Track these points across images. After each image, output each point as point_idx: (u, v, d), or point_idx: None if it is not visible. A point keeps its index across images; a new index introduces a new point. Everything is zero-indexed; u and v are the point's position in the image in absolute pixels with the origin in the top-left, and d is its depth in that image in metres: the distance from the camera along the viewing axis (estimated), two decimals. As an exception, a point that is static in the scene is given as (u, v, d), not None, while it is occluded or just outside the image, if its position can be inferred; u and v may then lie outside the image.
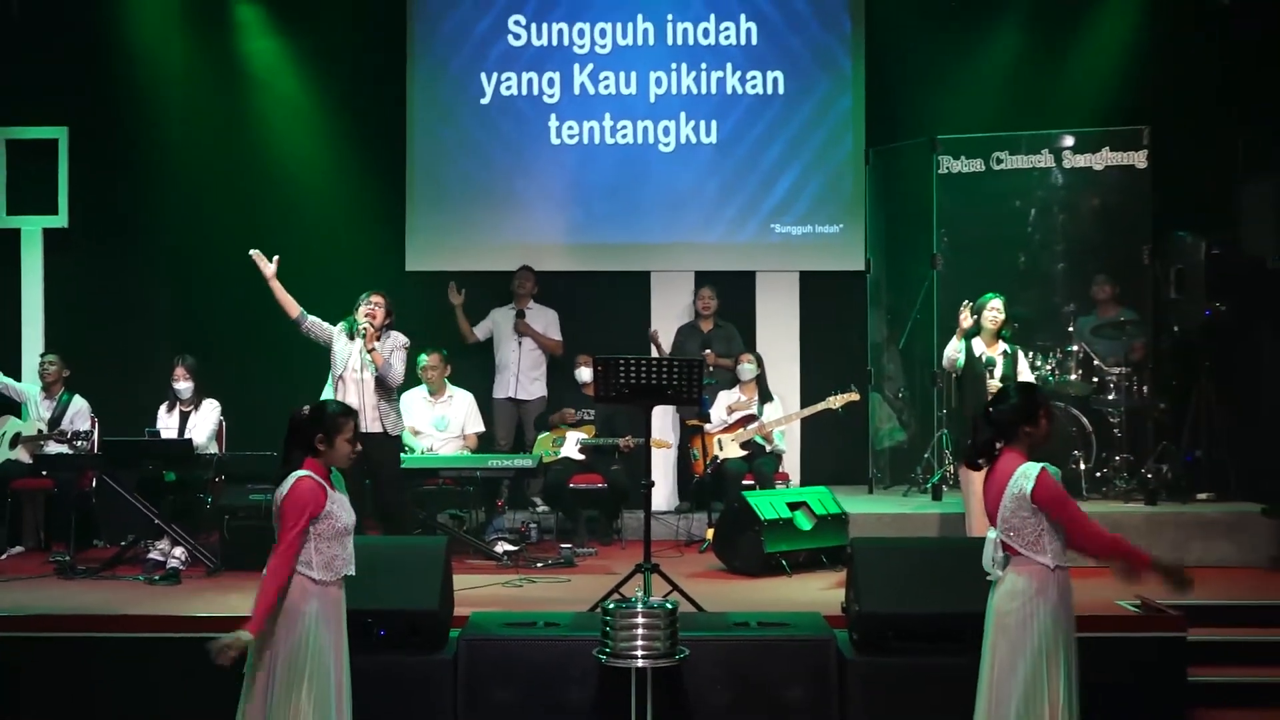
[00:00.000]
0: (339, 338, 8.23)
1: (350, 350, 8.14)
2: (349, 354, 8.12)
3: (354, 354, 8.11)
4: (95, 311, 10.38)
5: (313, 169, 11.17)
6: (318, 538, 5.03)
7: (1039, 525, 4.91)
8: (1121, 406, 9.64)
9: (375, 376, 8.09)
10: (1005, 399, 5.17)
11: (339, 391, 8.13)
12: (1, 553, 8.94)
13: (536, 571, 8.63)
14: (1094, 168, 10.06)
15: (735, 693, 6.17)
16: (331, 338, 8.24)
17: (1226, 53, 9.91)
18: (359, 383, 8.11)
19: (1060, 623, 4.91)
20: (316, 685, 5.00)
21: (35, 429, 9.63)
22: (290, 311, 8.22)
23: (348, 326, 8.20)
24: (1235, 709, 6.71)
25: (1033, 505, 4.88)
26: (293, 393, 7.75)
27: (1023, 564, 4.93)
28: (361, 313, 8.17)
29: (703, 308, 10.78)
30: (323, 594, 5.06)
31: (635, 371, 7.23)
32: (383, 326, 8.22)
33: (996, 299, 8.34)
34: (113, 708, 6.43)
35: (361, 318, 8.14)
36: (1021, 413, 5.05)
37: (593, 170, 11.34)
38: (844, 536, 8.57)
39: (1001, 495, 4.96)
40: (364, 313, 8.16)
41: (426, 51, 11.36)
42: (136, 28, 10.52)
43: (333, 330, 8.25)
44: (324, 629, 5.05)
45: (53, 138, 10.40)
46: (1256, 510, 8.84)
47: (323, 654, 5.03)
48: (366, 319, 8.13)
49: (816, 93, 11.32)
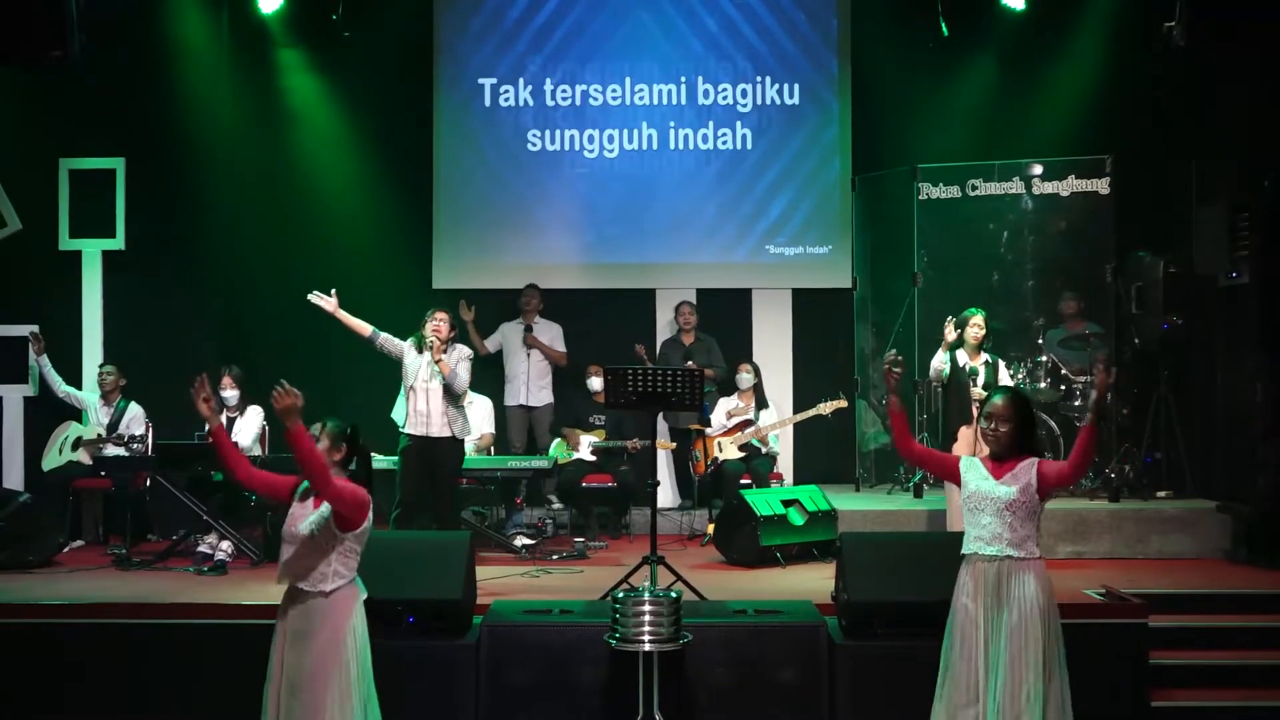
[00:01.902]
0: (409, 351, 8.18)
1: (420, 362, 8.09)
2: (419, 365, 8.08)
3: (423, 365, 8.07)
4: (149, 326, 10.37)
5: (347, 195, 11.20)
6: (359, 544, 4.90)
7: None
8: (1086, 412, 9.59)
9: (443, 385, 8.08)
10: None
11: (411, 400, 8.08)
12: (64, 546, 8.92)
13: (552, 563, 8.62)
14: (1061, 194, 10.06)
15: (734, 674, 6.16)
16: (403, 352, 8.21)
17: (1182, 88, 9.89)
18: (428, 391, 8.06)
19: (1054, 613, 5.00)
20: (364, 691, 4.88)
21: (95, 433, 9.63)
22: (363, 333, 8.16)
23: (416, 341, 8.17)
24: (1194, 689, 6.69)
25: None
26: (330, 400, 7.75)
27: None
28: (429, 328, 8.14)
29: (683, 322, 10.76)
30: (358, 602, 4.94)
31: (642, 381, 7.24)
32: (448, 339, 8.20)
33: (978, 314, 8.34)
34: (164, 687, 6.43)
35: (429, 332, 8.12)
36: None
37: (603, 196, 11.35)
38: (833, 531, 8.56)
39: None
40: (431, 328, 8.13)
41: (452, 88, 11.38)
42: (188, 68, 10.52)
43: (403, 345, 8.22)
44: (365, 636, 4.92)
45: (111, 168, 10.40)
46: (1211, 506, 8.83)
47: (365, 660, 4.93)
48: (433, 333, 8.11)
49: (807, 126, 11.32)
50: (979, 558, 4.99)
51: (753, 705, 6.14)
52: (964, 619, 4.99)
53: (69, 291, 10.40)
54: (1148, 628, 6.53)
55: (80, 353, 10.37)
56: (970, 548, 5.03)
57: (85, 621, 6.64)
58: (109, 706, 6.45)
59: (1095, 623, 6.55)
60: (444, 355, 8.06)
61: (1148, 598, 6.76)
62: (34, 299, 10.24)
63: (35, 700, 6.49)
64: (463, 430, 8.28)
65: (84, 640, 6.56)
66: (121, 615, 6.69)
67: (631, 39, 11.35)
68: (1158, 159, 10.10)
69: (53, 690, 6.50)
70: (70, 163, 10.42)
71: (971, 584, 4.99)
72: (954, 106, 10.95)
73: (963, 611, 5.00)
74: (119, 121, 10.35)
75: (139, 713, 6.42)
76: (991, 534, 4.98)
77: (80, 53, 6.91)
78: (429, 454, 8.06)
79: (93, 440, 9.58)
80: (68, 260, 10.44)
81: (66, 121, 10.34)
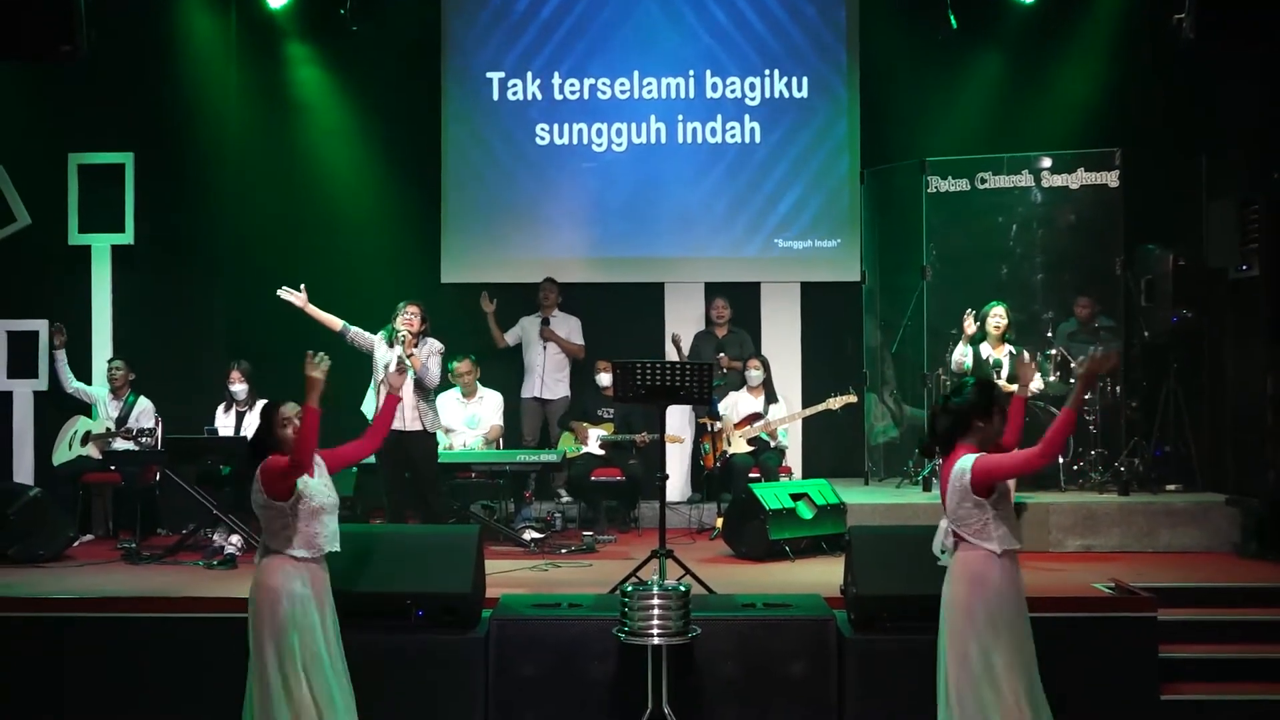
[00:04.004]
0: (379, 345, 8.22)
1: (390, 356, 8.12)
2: (389, 359, 8.12)
3: (394, 359, 8.11)
4: (158, 321, 10.39)
5: (355, 189, 11.21)
6: (296, 516, 5.06)
7: (984, 515, 4.81)
8: (1096, 405, 9.60)
9: (414, 379, 8.08)
10: (961, 391, 5.01)
11: (380, 394, 8.12)
12: (74, 541, 8.94)
13: (561, 557, 8.62)
14: (1070, 187, 10.02)
15: (743, 668, 6.16)
16: (373, 345, 8.24)
17: (1192, 81, 9.86)
18: None
19: (1006, 607, 4.80)
20: (307, 661, 5.01)
21: (104, 427, 9.65)
22: (333, 327, 8.22)
23: (387, 334, 8.20)
24: (1203, 683, 6.67)
25: (975, 497, 4.79)
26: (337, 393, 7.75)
27: (969, 549, 4.86)
28: (400, 321, 8.16)
29: (716, 316, 10.78)
30: (304, 571, 5.06)
31: (650, 374, 7.23)
32: (419, 333, 8.21)
33: (999, 306, 8.38)
34: (175, 679, 6.44)
35: (400, 326, 8.14)
36: (976, 406, 4.91)
37: (611, 190, 11.35)
38: (842, 525, 8.54)
39: (949, 486, 4.90)
40: (402, 321, 8.16)
41: (460, 82, 11.39)
42: (196, 62, 10.55)
43: (374, 339, 8.25)
44: (309, 607, 5.04)
45: (120, 163, 10.41)
46: (1220, 500, 8.81)
47: (312, 631, 5.02)
48: (404, 327, 8.13)
49: (816, 120, 11.31)
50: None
51: (761, 698, 6.15)
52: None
53: (78, 286, 10.43)
54: (1157, 621, 6.51)
55: (90, 347, 10.40)
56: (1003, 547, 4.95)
57: (95, 615, 6.65)
58: (117, 700, 6.45)
59: (1105, 616, 6.54)
60: (415, 349, 8.07)
61: (1157, 591, 6.75)
62: (44, 294, 10.28)
63: (42, 693, 6.50)
64: (433, 423, 8.32)
65: (92, 634, 6.57)
66: (132, 609, 6.69)
67: (639, 32, 11.34)
68: (1167, 152, 10.08)
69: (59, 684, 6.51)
70: (79, 157, 10.44)
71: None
72: (963, 99, 10.95)
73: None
74: (128, 116, 10.38)
75: (147, 706, 6.43)
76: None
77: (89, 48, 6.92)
78: (402, 448, 8.09)
79: (102, 435, 9.60)
80: (77, 255, 10.46)
81: (75, 116, 10.37)
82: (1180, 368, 9.63)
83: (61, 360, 9.83)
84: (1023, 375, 5.63)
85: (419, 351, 8.10)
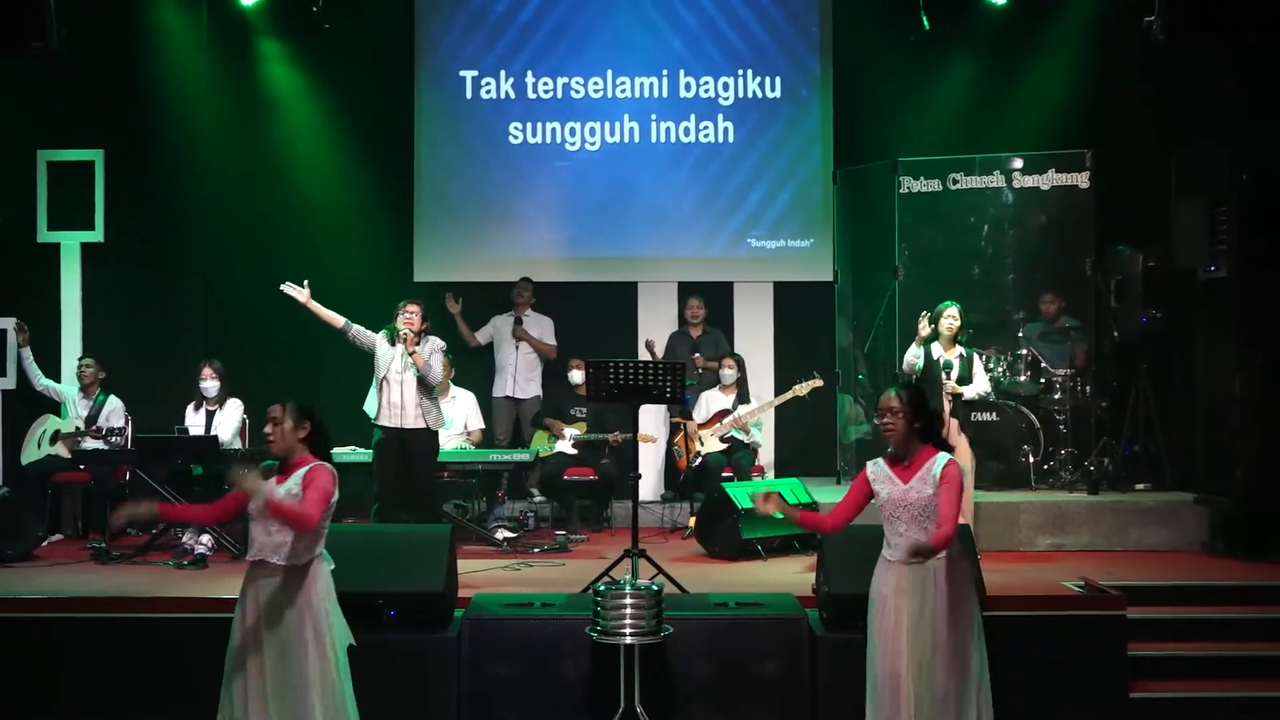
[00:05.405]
0: (381, 343, 8.18)
1: (392, 354, 8.09)
2: (391, 357, 8.08)
3: (396, 357, 8.07)
4: (128, 319, 10.33)
5: (328, 187, 11.17)
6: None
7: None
8: (1066, 405, 9.66)
9: (417, 377, 8.06)
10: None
11: (384, 393, 8.08)
12: (43, 540, 8.88)
13: (533, 556, 8.61)
14: (1041, 187, 10.08)
15: (715, 667, 6.18)
16: (374, 344, 8.20)
17: (1163, 82, 9.92)
18: (401, 383, 8.07)
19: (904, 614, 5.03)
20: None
21: (73, 426, 9.57)
22: (335, 324, 8.17)
23: (389, 333, 8.17)
24: (1172, 681, 6.72)
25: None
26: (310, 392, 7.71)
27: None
28: (400, 320, 8.13)
29: (691, 316, 10.79)
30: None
31: (622, 373, 7.24)
32: (420, 331, 8.19)
33: (953, 306, 8.36)
34: (145, 681, 6.41)
35: (401, 325, 8.11)
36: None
37: (585, 190, 11.34)
38: (814, 524, 8.55)
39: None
40: (403, 320, 8.13)
41: (433, 80, 11.36)
42: (167, 59, 10.48)
43: (375, 337, 8.20)
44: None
45: (89, 159, 10.34)
46: (1189, 499, 8.87)
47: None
48: (405, 326, 8.10)
49: (789, 120, 11.33)
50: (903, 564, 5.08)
51: (734, 698, 6.16)
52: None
53: (48, 284, 10.36)
54: (1126, 619, 6.57)
55: (59, 345, 10.33)
56: (892, 556, 5.12)
57: (64, 615, 6.62)
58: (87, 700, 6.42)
59: (1074, 614, 6.59)
60: (417, 347, 8.05)
61: (1126, 590, 6.80)
62: (12, 292, 10.18)
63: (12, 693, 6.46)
64: (436, 421, 8.28)
65: (63, 634, 6.53)
66: (102, 609, 6.66)
67: (613, 31, 11.33)
68: (1137, 153, 10.14)
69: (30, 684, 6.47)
70: (48, 154, 10.36)
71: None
72: (935, 100, 10.99)
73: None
74: (98, 113, 10.31)
75: (117, 705, 6.40)
76: (910, 543, 5.02)
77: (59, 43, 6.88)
78: (404, 446, 8.07)
79: (71, 434, 9.52)
80: (46, 253, 10.38)
81: (45, 113, 10.29)
82: (1150, 368, 9.69)
83: (28, 358, 9.75)
84: (759, 510, 5.36)
85: (421, 349, 8.08)
